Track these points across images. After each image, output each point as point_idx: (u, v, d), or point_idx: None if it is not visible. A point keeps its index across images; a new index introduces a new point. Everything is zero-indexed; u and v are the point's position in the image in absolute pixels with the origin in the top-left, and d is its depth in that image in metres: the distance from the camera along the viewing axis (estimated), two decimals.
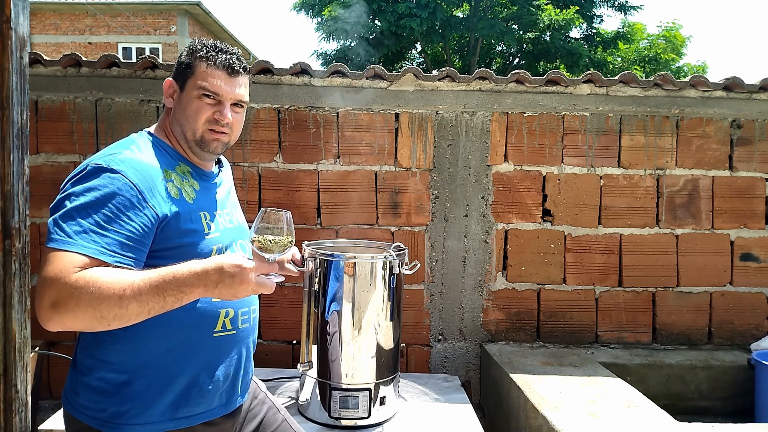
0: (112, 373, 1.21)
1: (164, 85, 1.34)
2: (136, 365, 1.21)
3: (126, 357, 1.21)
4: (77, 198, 1.13)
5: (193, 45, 1.34)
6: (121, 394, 1.20)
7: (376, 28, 13.29)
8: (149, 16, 17.85)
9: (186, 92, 1.31)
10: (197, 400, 1.26)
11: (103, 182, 1.15)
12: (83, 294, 1.05)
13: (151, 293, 1.08)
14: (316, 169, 2.71)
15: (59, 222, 1.11)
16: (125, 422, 1.19)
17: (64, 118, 2.65)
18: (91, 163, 1.18)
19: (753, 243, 2.83)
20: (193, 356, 1.25)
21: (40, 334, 2.56)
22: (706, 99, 2.79)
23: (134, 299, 1.07)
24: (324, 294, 1.90)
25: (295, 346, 2.68)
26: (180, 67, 1.33)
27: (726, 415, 2.58)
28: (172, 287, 1.09)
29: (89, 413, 1.21)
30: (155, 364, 1.22)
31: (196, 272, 1.11)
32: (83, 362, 1.24)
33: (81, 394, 1.22)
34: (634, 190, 2.79)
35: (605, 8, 14.69)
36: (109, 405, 1.20)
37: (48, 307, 1.05)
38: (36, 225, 2.64)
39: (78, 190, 1.14)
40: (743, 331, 2.83)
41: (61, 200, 1.15)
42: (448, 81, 2.71)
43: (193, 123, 1.30)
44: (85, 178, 1.16)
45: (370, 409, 1.92)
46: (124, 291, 1.07)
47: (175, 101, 1.33)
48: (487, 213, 2.76)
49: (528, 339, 2.79)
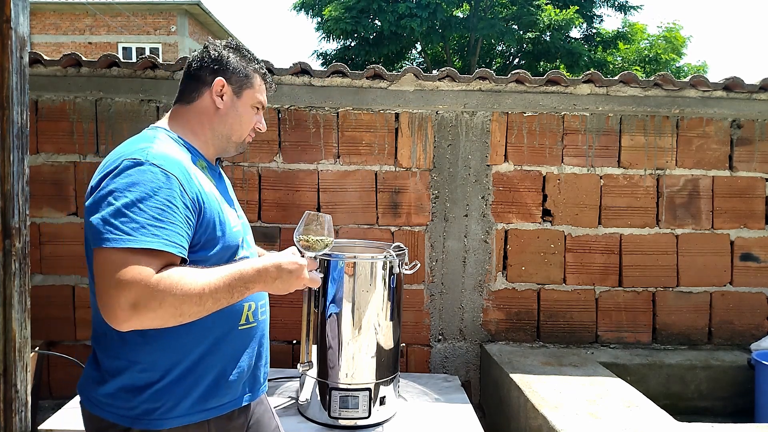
0: (143, 373, 1.20)
1: (216, 83, 1.31)
2: (169, 364, 1.21)
3: (158, 356, 1.21)
4: (123, 194, 1.10)
5: (245, 52, 1.37)
6: (153, 392, 1.20)
7: (377, 28, 13.29)
8: (149, 16, 17.85)
9: (243, 100, 1.35)
10: (224, 391, 1.28)
11: (146, 176, 1.12)
12: (167, 296, 1.07)
13: (223, 291, 1.14)
14: (316, 169, 2.71)
15: (111, 220, 1.08)
16: (157, 417, 1.19)
17: (64, 118, 2.65)
18: (126, 158, 1.15)
19: (753, 243, 2.83)
20: (221, 351, 1.27)
21: (40, 334, 2.56)
22: (706, 99, 2.79)
23: (211, 297, 1.12)
24: (324, 294, 1.91)
25: (295, 346, 2.68)
26: (235, 72, 1.34)
27: (726, 415, 2.57)
28: (239, 285, 1.16)
29: (116, 411, 1.20)
30: (187, 360, 1.22)
31: (258, 269, 1.20)
32: (111, 364, 1.23)
33: (106, 394, 1.21)
34: (634, 190, 2.79)
35: (605, 8, 14.71)
36: (139, 403, 1.19)
37: (127, 308, 1.04)
38: (36, 225, 2.64)
39: (121, 186, 1.11)
40: (743, 331, 2.83)
41: (101, 198, 1.11)
42: (448, 81, 2.71)
43: (244, 129, 1.38)
44: (123, 173, 1.12)
45: (370, 409, 1.92)
46: (203, 290, 1.11)
47: (226, 104, 1.33)
48: (487, 213, 2.76)
49: (528, 339, 2.79)
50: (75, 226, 2.65)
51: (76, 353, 2.47)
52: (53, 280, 2.65)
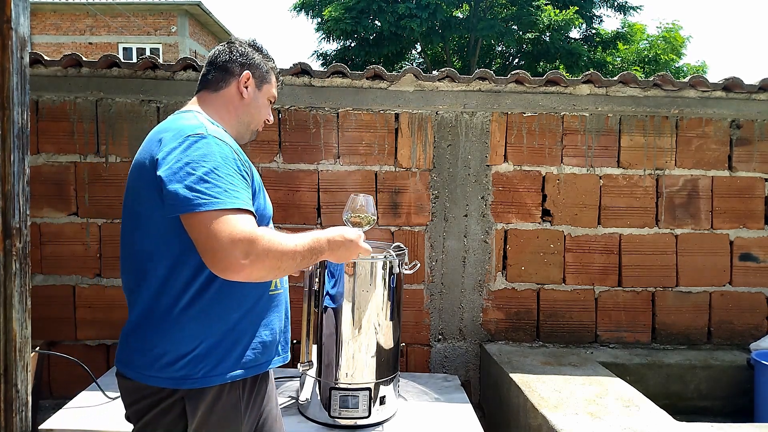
0: (189, 340, 1.28)
1: (244, 76, 1.45)
2: (212, 330, 1.29)
3: (203, 324, 1.28)
4: (199, 164, 1.21)
5: (265, 51, 1.54)
6: (196, 356, 1.27)
7: (376, 28, 13.29)
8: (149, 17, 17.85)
9: (262, 93, 1.52)
10: (260, 352, 1.37)
11: (213, 148, 1.24)
12: (271, 249, 1.21)
13: (307, 253, 1.31)
14: (317, 169, 2.72)
15: (196, 188, 1.18)
16: (201, 376, 1.27)
17: (64, 118, 2.65)
18: (189, 133, 1.25)
19: (752, 243, 2.83)
20: (256, 314, 1.37)
21: (40, 334, 2.57)
22: (706, 99, 2.79)
23: (300, 256, 1.29)
24: (324, 294, 1.91)
25: (295, 345, 2.67)
26: (259, 66, 1.50)
27: (725, 415, 2.58)
28: (317, 249, 1.34)
29: (161, 375, 1.27)
30: (227, 325, 1.31)
31: (328, 238, 1.38)
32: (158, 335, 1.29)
33: (153, 361, 1.27)
34: (634, 190, 2.79)
35: (605, 8, 14.70)
36: (183, 366, 1.27)
37: (242, 259, 1.16)
38: (36, 225, 2.64)
39: (195, 158, 1.21)
40: (742, 330, 2.83)
41: (179, 169, 1.20)
42: (448, 81, 2.71)
43: (260, 119, 1.54)
44: (193, 146, 1.23)
45: (370, 408, 1.92)
46: (296, 248, 1.27)
47: (250, 94, 1.48)
48: (486, 213, 2.76)
49: (528, 339, 2.79)
50: (75, 226, 2.65)
51: (76, 353, 2.47)
52: (54, 280, 2.66)
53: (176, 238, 1.25)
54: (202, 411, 1.27)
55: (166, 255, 1.26)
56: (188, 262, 1.26)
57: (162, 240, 1.26)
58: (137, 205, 1.30)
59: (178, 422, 1.27)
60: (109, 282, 2.66)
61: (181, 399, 1.26)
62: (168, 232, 1.25)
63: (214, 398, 1.29)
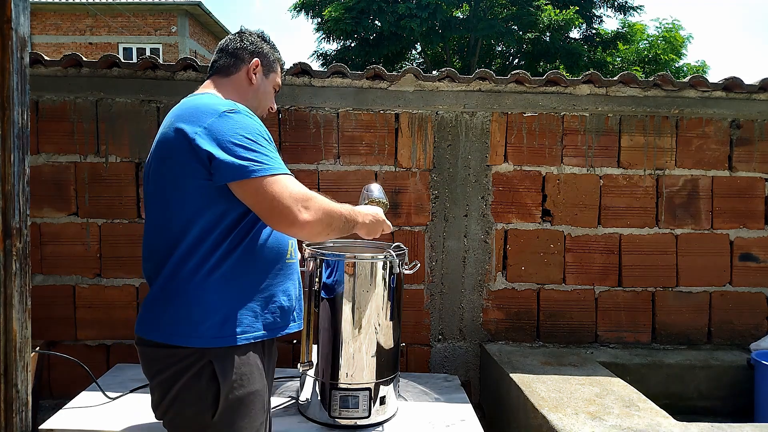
0: (218, 303, 1.35)
1: (254, 63, 1.56)
2: (237, 296, 1.38)
3: (231, 289, 1.36)
4: (242, 134, 1.31)
5: (272, 43, 1.64)
6: (223, 318, 1.35)
7: (376, 28, 13.29)
8: (150, 17, 17.85)
9: (269, 81, 1.62)
10: (279, 315, 1.47)
11: (247, 121, 1.35)
12: (324, 207, 1.35)
13: (349, 219, 1.46)
14: (317, 169, 2.72)
15: (246, 156, 1.29)
16: (228, 335, 1.35)
17: (64, 118, 2.65)
18: (224, 109, 1.34)
19: (752, 243, 2.83)
20: (276, 279, 1.46)
21: (40, 334, 2.57)
22: (706, 99, 2.79)
23: (344, 218, 1.43)
24: (324, 294, 1.91)
25: (295, 345, 2.68)
26: (267, 55, 1.61)
27: (725, 415, 2.58)
28: (354, 220, 1.49)
29: (190, 336, 1.33)
30: (252, 289, 1.40)
31: (364, 214, 1.56)
32: (186, 306, 1.35)
33: (181, 324, 1.34)
34: (634, 190, 2.79)
35: (605, 8, 14.70)
36: (210, 327, 1.34)
37: (304, 213, 1.30)
38: (36, 225, 2.64)
39: (238, 128, 1.32)
40: (743, 330, 2.83)
41: (225, 140, 1.29)
42: (448, 81, 2.71)
43: (266, 104, 1.64)
44: (230, 119, 1.33)
45: (370, 408, 1.92)
46: (341, 211, 1.43)
47: (258, 81, 1.58)
48: (486, 213, 2.76)
49: (528, 339, 2.79)
50: (75, 226, 2.65)
51: (76, 353, 2.47)
52: (53, 280, 2.66)
53: (207, 207, 1.33)
54: (232, 372, 1.34)
55: (197, 223, 1.34)
56: (215, 229, 1.34)
57: (191, 209, 1.34)
58: (165, 180, 1.37)
59: (210, 386, 1.32)
60: (109, 282, 2.66)
61: (210, 363, 1.32)
62: (200, 201, 1.33)
63: (240, 359, 1.36)
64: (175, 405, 1.34)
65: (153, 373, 1.37)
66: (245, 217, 1.37)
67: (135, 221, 2.66)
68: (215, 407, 1.33)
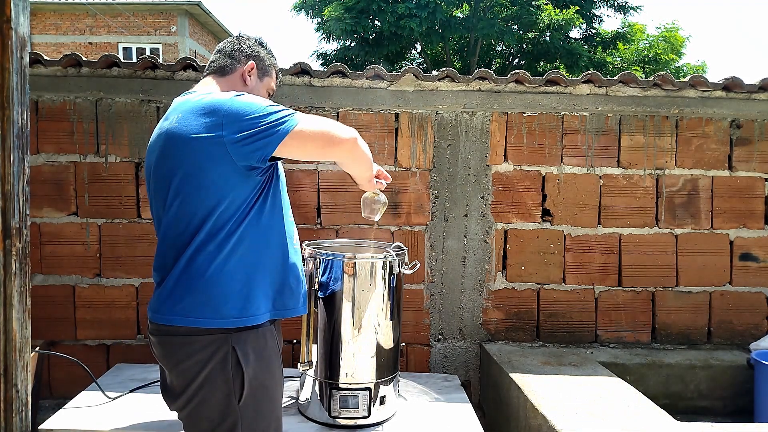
0: (235, 286, 1.42)
1: (249, 65, 1.64)
2: (253, 277, 1.44)
3: (248, 270, 1.43)
4: (259, 106, 1.41)
5: (269, 49, 1.72)
6: (244, 298, 1.42)
7: (376, 28, 13.29)
8: (149, 17, 17.85)
9: (263, 85, 1.69)
10: (289, 296, 1.54)
11: (258, 98, 1.46)
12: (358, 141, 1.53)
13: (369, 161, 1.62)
14: (317, 169, 2.71)
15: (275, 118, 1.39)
16: (248, 315, 1.42)
17: (64, 118, 2.65)
18: (236, 94, 1.44)
19: (752, 243, 2.83)
20: (287, 262, 1.53)
21: (40, 334, 2.57)
22: (706, 99, 2.79)
23: (367, 159, 1.60)
24: (324, 294, 1.91)
25: (295, 345, 2.68)
26: (263, 60, 1.68)
27: (725, 415, 2.58)
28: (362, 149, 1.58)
29: (212, 317, 1.39)
30: (265, 272, 1.47)
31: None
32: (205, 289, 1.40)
33: (203, 307, 1.39)
34: (634, 190, 2.79)
35: (605, 8, 14.70)
36: (231, 309, 1.40)
37: (347, 131, 1.48)
38: (36, 225, 2.64)
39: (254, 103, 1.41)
40: (743, 330, 2.83)
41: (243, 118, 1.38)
42: (448, 81, 2.71)
43: None
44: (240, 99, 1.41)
45: (370, 408, 1.92)
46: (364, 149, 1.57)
47: (252, 82, 1.65)
48: (486, 213, 2.76)
49: (528, 339, 2.79)
50: (75, 226, 2.65)
51: (76, 353, 2.47)
52: (53, 280, 2.66)
53: (228, 193, 1.39)
54: (255, 356, 1.41)
55: (216, 210, 1.39)
56: (234, 215, 1.40)
57: (215, 197, 1.39)
58: (181, 173, 1.40)
59: (237, 371, 1.38)
60: (109, 282, 2.66)
61: (233, 349, 1.38)
62: (222, 188, 1.39)
63: (260, 342, 1.43)
64: (200, 392, 1.36)
65: (174, 362, 1.39)
66: (256, 201, 1.45)
67: (135, 221, 2.66)
68: (241, 392, 1.38)
